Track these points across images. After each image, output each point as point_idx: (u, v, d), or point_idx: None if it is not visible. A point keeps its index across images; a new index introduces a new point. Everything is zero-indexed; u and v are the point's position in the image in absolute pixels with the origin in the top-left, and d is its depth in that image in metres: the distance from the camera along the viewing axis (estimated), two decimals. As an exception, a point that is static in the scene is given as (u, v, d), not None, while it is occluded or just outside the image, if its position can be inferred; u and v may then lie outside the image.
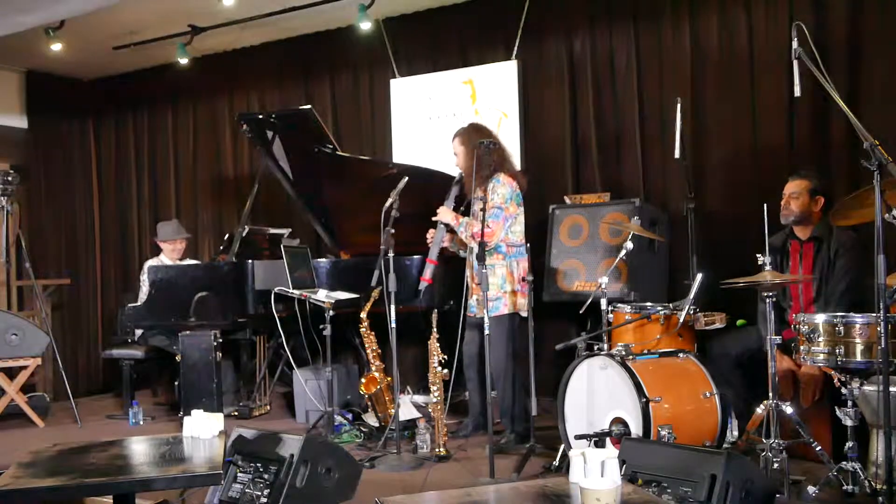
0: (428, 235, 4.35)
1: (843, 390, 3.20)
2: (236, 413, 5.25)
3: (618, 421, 3.49)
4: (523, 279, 4.19)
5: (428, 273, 4.38)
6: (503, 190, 4.18)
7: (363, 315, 4.55)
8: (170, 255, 5.78)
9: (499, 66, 5.65)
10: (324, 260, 5.44)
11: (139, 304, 5.37)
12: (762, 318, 3.87)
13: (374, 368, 4.58)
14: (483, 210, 3.88)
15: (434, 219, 4.16)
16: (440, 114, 5.89)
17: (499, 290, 4.20)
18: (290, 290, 4.74)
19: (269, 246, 5.84)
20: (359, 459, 3.62)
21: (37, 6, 4.79)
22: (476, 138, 4.19)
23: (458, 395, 5.08)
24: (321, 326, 4.43)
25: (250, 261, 5.07)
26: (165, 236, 5.80)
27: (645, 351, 3.81)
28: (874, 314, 3.00)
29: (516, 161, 5.53)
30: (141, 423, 5.25)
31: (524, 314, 4.17)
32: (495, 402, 4.02)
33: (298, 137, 5.31)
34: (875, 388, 3.10)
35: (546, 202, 5.22)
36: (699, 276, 3.91)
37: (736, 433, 3.79)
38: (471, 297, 4.36)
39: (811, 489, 3.14)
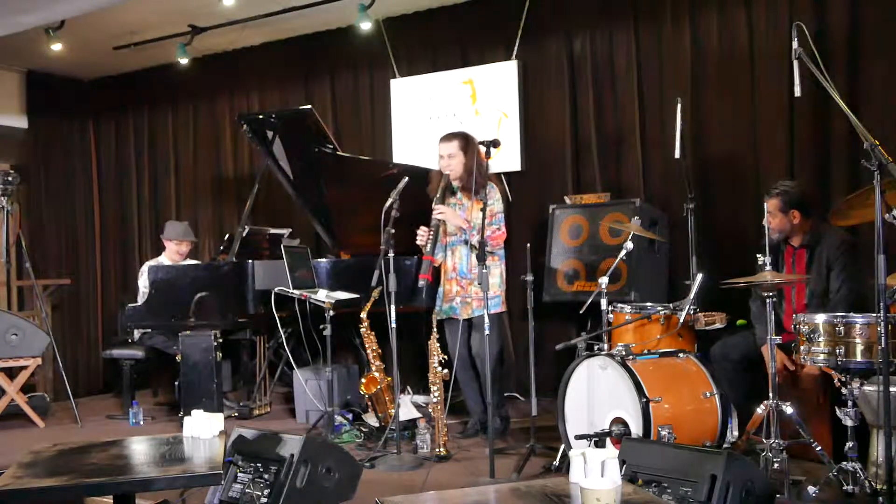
0: (420, 233, 4.28)
1: (843, 390, 3.20)
2: (236, 413, 5.26)
3: (618, 421, 3.49)
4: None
5: (428, 271, 4.33)
6: (499, 196, 4.33)
7: (363, 315, 4.55)
8: (172, 255, 5.74)
9: (499, 66, 5.65)
10: (324, 260, 5.43)
11: (139, 304, 5.37)
12: (756, 318, 3.88)
13: (374, 368, 4.58)
14: (483, 213, 3.93)
15: (436, 216, 4.15)
16: (440, 114, 5.89)
17: (497, 288, 4.31)
18: (291, 290, 4.73)
19: (269, 246, 5.83)
20: (359, 459, 3.63)
21: (37, 6, 4.79)
22: (474, 145, 4.30)
23: (458, 396, 5.07)
24: (321, 326, 4.43)
25: (250, 261, 5.07)
26: (173, 235, 5.75)
27: (645, 351, 3.82)
28: (874, 314, 3.00)
29: (516, 161, 5.57)
30: (141, 423, 5.25)
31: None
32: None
33: (298, 137, 5.31)
34: (875, 388, 3.10)
35: (546, 202, 5.22)
36: (699, 276, 3.91)
37: (736, 433, 3.79)
38: (452, 299, 4.34)
39: (811, 489, 3.14)
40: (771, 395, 3.31)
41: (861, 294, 3.73)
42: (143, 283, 5.62)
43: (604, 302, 3.99)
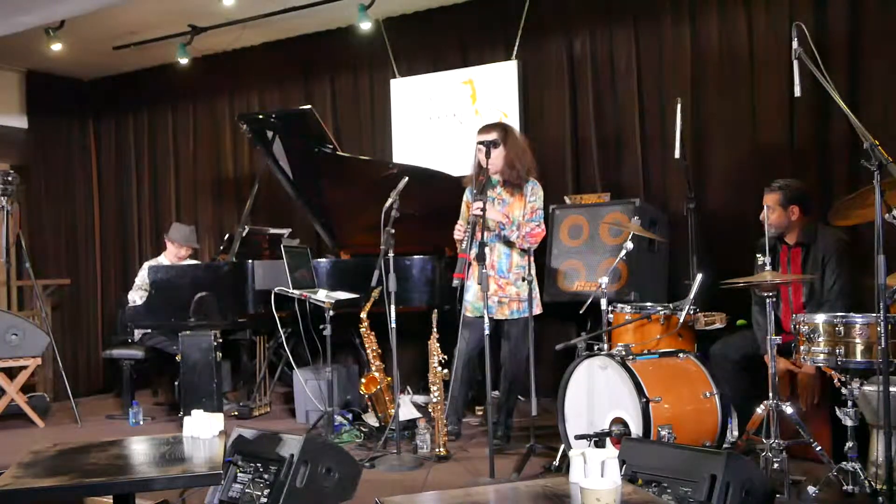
0: (458, 229, 4.23)
1: (843, 390, 3.21)
2: (236, 413, 5.26)
3: (618, 421, 3.48)
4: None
5: (463, 269, 4.15)
6: (541, 193, 4.30)
7: (363, 315, 4.55)
8: (171, 257, 5.74)
9: (499, 66, 5.65)
10: (324, 260, 5.43)
11: (139, 304, 5.37)
12: (758, 325, 3.87)
13: (374, 368, 4.58)
14: (480, 211, 3.85)
15: (473, 212, 4.00)
16: (440, 114, 5.89)
17: (535, 290, 4.28)
18: (290, 290, 4.73)
19: (269, 246, 5.83)
20: (359, 459, 3.62)
21: (37, 6, 4.79)
22: (514, 137, 4.28)
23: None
24: (321, 326, 4.43)
25: (250, 261, 5.07)
26: (176, 237, 5.75)
27: (645, 351, 3.81)
28: (874, 314, 3.00)
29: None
30: (141, 423, 5.25)
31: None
32: (494, 401, 4.01)
33: (298, 137, 5.31)
34: (875, 388, 3.10)
35: (546, 202, 5.20)
36: (699, 276, 3.91)
37: (736, 433, 3.79)
38: (487, 297, 4.21)
39: (811, 489, 3.14)
40: (771, 395, 3.31)
41: (853, 292, 3.73)
42: (141, 277, 5.62)
43: (604, 302, 3.98)
